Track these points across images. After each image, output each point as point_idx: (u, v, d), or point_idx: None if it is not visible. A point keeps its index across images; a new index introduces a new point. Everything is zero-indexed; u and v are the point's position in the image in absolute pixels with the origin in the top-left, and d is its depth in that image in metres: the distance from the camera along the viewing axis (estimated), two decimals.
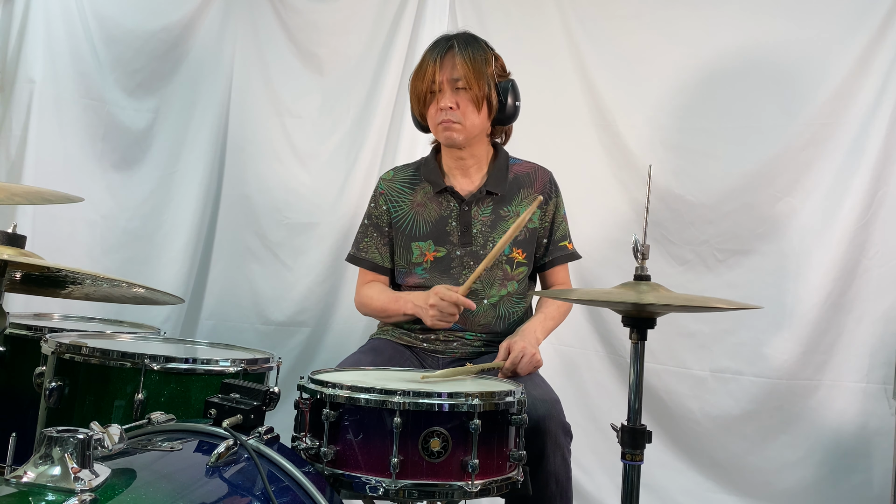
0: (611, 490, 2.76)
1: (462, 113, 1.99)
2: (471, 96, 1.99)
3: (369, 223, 2.14)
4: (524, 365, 1.85)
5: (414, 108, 2.09)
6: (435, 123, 2.03)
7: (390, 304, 2.05)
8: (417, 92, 2.05)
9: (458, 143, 2.03)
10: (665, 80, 2.81)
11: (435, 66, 2.00)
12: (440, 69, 1.99)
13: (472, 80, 1.98)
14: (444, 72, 1.99)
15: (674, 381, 2.76)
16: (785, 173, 2.65)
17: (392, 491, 1.37)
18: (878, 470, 2.52)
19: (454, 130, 2.00)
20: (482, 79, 2.00)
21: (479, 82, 1.99)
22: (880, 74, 2.55)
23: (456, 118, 1.99)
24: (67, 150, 2.89)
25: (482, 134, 2.08)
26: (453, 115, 1.99)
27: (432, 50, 2.04)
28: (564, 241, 2.12)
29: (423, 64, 2.04)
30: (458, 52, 2.00)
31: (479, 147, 2.09)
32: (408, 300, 1.99)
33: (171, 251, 3.05)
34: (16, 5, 2.82)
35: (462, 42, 2.02)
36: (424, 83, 2.01)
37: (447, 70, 1.99)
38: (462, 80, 1.98)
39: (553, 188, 2.12)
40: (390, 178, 2.16)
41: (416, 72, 2.05)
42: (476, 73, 1.99)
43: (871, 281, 2.57)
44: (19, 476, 1.09)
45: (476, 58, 2.00)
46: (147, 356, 1.58)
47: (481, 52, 2.02)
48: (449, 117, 1.99)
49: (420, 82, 2.03)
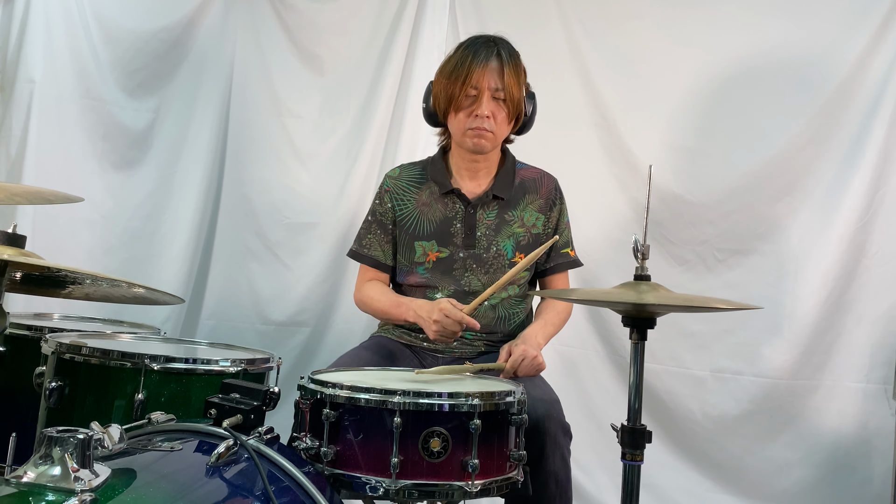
0: (611, 490, 2.76)
1: (496, 123, 1.98)
2: (507, 108, 1.98)
3: (373, 220, 2.13)
4: (525, 367, 1.84)
5: (439, 103, 2.02)
6: (464, 128, 1.99)
7: (392, 308, 2.03)
8: (450, 91, 1.98)
9: (485, 151, 2.02)
10: (665, 81, 2.81)
11: (481, 72, 1.94)
12: (484, 75, 1.95)
13: (514, 94, 1.97)
14: (488, 79, 1.95)
15: (674, 381, 2.76)
16: (785, 173, 2.65)
17: (392, 491, 1.37)
18: (878, 470, 2.52)
19: (486, 139, 1.99)
20: (521, 93, 1.99)
21: (518, 96, 1.99)
22: (880, 74, 2.56)
23: (490, 127, 1.97)
24: (67, 150, 2.89)
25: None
26: (488, 125, 1.97)
27: (476, 53, 1.96)
28: (567, 249, 2.12)
29: (463, 64, 1.96)
30: (505, 61, 1.96)
31: (494, 153, 2.09)
32: (410, 308, 1.96)
33: (172, 251, 3.05)
34: (16, 5, 2.82)
35: (507, 51, 1.99)
36: (463, 85, 1.95)
37: (491, 78, 1.95)
38: (503, 91, 1.96)
39: (558, 195, 2.12)
40: (396, 176, 2.15)
41: (454, 71, 1.97)
42: (518, 87, 1.98)
43: (871, 281, 2.57)
44: (19, 476, 1.09)
45: (519, 71, 2.00)
46: (147, 356, 1.58)
47: (520, 66, 2.01)
48: (484, 126, 1.97)
49: (456, 83, 1.96)
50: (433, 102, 2.05)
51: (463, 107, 1.98)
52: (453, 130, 2.05)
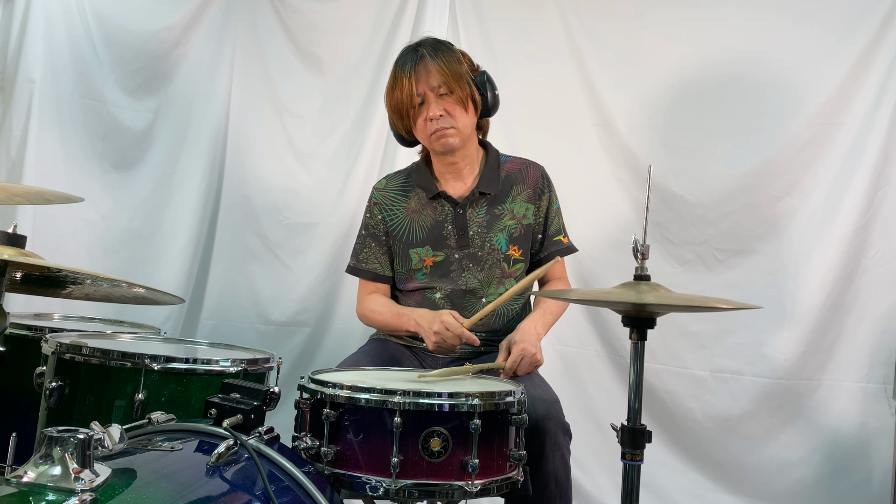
0: (611, 490, 2.76)
1: (453, 117, 1.99)
2: (455, 99, 1.99)
3: (367, 234, 2.14)
4: (524, 366, 1.85)
5: (396, 124, 2.07)
6: (427, 134, 2.01)
7: (394, 319, 2.04)
8: (397, 108, 2.02)
9: (454, 148, 2.02)
10: (665, 80, 2.80)
11: (412, 80, 1.97)
12: (417, 81, 1.98)
13: (453, 84, 1.98)
14: (423, 82, 1.98)
15: (674, 381, 2.76)
16: (785, 173, 2.65)
17: (392, 491, 1.37)
18: (878, 470, 2.52)
19: (449, 136, 2.00)
20: (461, 79, 2.00)
21: (459, 84, 1.99)
22: (880, 74, 2.55)
23: (448, 123, 1.98)
24: (67, 150, 2.89)
25: (472, 133, 2.08)
26: (445, 122, 1.98)
27: (403, 64, 2.01)
28: (559, 236, 2.12)
29: (397, 79, 2.01)
30: (430, 59, 1.98)
31: (469, 148, 2.08)
32: (412, 318, 1.97)
33: (172, 251, 3.05)
34: (16, 5, 2.82)
35: (430, 49, 2.01)
36: (404, 98, 1.99)
37: (424, 80, 1.98)
38: (443, 85, 1.97)
39: (545, 183, 2.12)
40: (383, 188, 2.16)
41: (391, 88, 2.02)
42: (454, 76, 1.98)
43: (871, 281, 2.57)
44: (20, 476, 1.09)
45: (449, 60, 2.00)
46: (147, 356, 1.58)
47: (451, 54, 2.02)
48: (441, 125, 1.98)
49: (398, 98, 2.00)
50: (393, 126, 2.09)
51: (417, 116, 2.01)
52: (421, 140, 2.07)
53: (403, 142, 2.13)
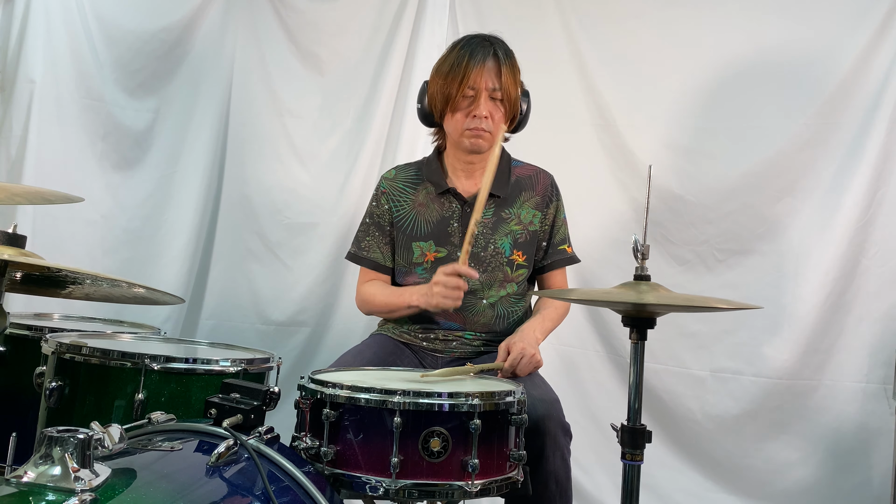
0: (611, 490, 2.76)
1: (494, 123, 1.97)
2: (505, 108, 1.98)
3: (371, 222, 2.13)
4: (523, 366, 1.84)
5: (435, 103, 2.01)
6: (462, 128, 1.98)
7: (393, 297, 2.03)
8: (447, 91, 1.96)
9: (483, 151, 2.01)
10: (665, 80, 2.81)
11: (479, 72, 1.93)
12: (482, 75, 1.93)
13: (512, 94, 1.97)
14: (486, 79, 1.94)
15: (674, 381, 2.76)
16: (785, 173, 2.65)
17: (392, 491, 1.37)
18: (878, 470, 2.52)
19: (483, 139, 1.98)
20: (517, 92, 2.00)
21: (515, 96, 1.99)
22: (880, 74, 2.55)
23: (487, 127, 1.96)
24: (67, 150, 2.89)
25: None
26: (486, 125, 1.96)
27: (472, 53, 1.94)
28: (564, 245, 2.12)
29: (460, 64, 1.94)
30: (502, 61, 1.96)
31: (489, 151, 2.08)
32: (412, 291, 1.97)
33: (172, 251, 3.05)
34: (16, 5, 2.82)
35: (503, 50, 1.98)
36: (460, 86, 1.93)
37: (488, 78, 1.94)
38: (500, 91, 1.95)
39: (554, 191, 2.12)
40: (392, 178, 2.15)
41: (450, 71, 1.95)
42: (514, 87, 1.98)
43: (871, 281, 2.57)
44: (19, 476, 1.09)
45: (515, 70, 1.99)
46: (147, 356, 1.58)
47: (517, 64, 2.01)
48: (482, 126, 1.96)
49: (454, 83, 1.94)
50: (429, 103, 2.04)
51: (460, 107, 1.97)
52: (450, 131, 2.04)
53: (427, 121, 2.09)
